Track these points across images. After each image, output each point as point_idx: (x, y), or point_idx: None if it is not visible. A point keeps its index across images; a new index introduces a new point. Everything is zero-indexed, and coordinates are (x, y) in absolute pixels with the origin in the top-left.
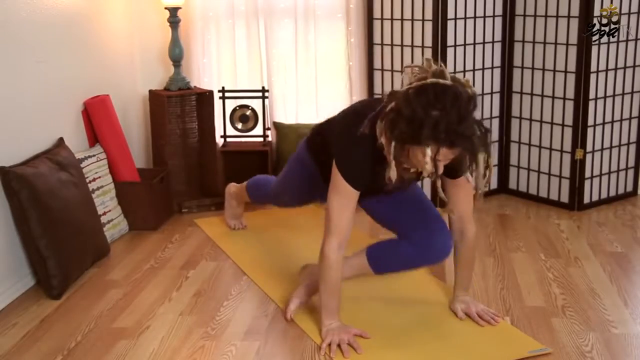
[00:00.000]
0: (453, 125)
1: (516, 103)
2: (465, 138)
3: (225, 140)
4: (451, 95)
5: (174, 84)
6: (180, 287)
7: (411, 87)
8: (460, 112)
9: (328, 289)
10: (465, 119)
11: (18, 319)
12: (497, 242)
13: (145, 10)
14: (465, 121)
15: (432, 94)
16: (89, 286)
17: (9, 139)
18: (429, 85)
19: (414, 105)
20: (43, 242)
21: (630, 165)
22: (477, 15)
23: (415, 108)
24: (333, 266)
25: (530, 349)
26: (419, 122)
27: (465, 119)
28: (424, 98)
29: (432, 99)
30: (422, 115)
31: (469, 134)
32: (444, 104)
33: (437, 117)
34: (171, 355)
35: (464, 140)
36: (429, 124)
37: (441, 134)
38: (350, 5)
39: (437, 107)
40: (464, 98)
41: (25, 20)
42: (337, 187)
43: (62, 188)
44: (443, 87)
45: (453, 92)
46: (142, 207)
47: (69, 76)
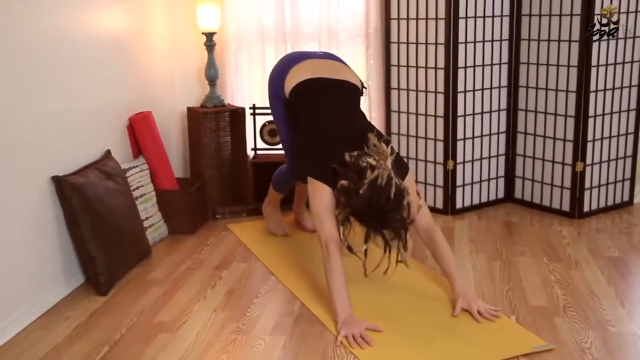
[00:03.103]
0: (378, 219)
1: (521, 119)
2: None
3: (256, 153)
4: (384, 198)
5: (209, 101)
6: (214, 286)
7: (363, 186)
8: (385, 210)
9: (337, 287)
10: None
11: (69, 313)
12: (503, 247)
13: (184, 35)
14: (387, 216)
15: (374, 195)
16: (133, 284)
17: (62, 150)
18: (373, 190)
19: (359, 202)
20: (92, 244)
21: (627, 177)
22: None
23: (359, 204)
24: (336, 266)
25: (534, 345)
26: (362, 213)
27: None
28: (367, 199)
29: (372, 201)
30: (365, 210)
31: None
32: (379, 205)
33: (370, 213)
34: (206, 347)
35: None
36: (366, 216)
37: (370, 222)
38: (369, 30)
39: (372, 207)
40: (391, 200)
41: (78, 44)
42: (314, 190)
43: (109, 195)
44: (379, 189)
45: (386, 196)
46: (180, 213)
47: (115, 94)
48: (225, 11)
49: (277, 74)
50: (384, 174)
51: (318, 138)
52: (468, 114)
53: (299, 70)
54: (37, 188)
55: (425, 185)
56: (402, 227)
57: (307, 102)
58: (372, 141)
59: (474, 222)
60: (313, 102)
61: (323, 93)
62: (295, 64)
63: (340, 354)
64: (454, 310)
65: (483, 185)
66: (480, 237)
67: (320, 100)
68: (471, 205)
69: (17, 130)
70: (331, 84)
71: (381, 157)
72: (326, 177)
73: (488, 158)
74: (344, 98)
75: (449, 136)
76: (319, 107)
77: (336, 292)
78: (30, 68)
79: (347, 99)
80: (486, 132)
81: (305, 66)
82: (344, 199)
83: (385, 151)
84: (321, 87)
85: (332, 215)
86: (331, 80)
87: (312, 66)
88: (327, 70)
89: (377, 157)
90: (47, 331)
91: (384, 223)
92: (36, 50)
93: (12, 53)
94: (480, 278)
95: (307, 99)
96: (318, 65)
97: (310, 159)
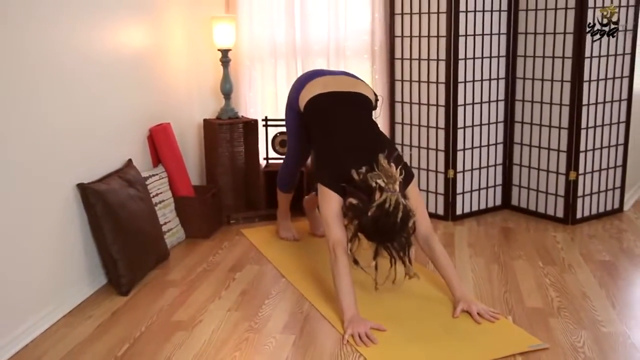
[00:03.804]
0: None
1: (518, 131)
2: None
3: (268, 162)
4: (391, 221)
5: (224, 113)
6: (228, 287)
7: (371, 209)
8: (392, 231)
9: (343, 288)
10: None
11: (93, 312)
12: (501, 252)
13: (201, 52)
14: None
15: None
16: (152, 285)
17: (87, 159)
18: (381, 213)
19: (366, 222)
20: (114, 247)
21: (617, 186)
22: (484, 56)
23: (366, 224)
24: (343, 269)
25: (530, 344)
26: (369, 232)
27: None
28: (374, 220)
29: (379, 223)
30: (372, 230)
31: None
32: (386, 227)
33: (377, 233)
34: (220, 345)
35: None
36: (373, 235)
37: (376, 239)
38: (375, 47)
39: (380, 229)
40: (397, 224)
41: (104, 60)
42: (324, 197)
43: (130, 202)
44: (386, 213)
45: (392, 220)
46: (197, 218)
47: (137, 107)
48: (240, 29)
49: (295, 89)
50: (392, 198)
51: (331, 148)
52: (468, 126)
53: (313, 85)
54: (63, 195)
55: (427, 193)
56: (407, 244)
57: (320, 115)
58: (382, 163)
59: (473, 228)
60: (326, 115)
61: (335, 105)
62: (311, 80)
63: (346, 352)
64: (455, 311)
65: (482, 193)
66: (479, 242)
67: (332, 112)
68: (470, 211)
69: (47, 140)
70: (343, 96)
71: (390, 180)
72: (336, 186)
73: (486, 167)
74: (355, 109)
75: (449, 146)
76: (332, 118)
77: (343, 293)
78: (61, 83)
79: (358, 110)
80: (485, 143)
81: (320, 82)
82: (352, 216)
83: (394, 175)
84: (333, 99)
85: (340, 220)
86: (343, 93)
87: (325, 81)
88: (340, 85)
89: (387, 180)
90: (71, 329)
91: (389, 240)
92: (68, 66)
93: (48, 69)
94: (479, 281)
95: (320, 112)
96: (331, 81)
97: (323, 167)
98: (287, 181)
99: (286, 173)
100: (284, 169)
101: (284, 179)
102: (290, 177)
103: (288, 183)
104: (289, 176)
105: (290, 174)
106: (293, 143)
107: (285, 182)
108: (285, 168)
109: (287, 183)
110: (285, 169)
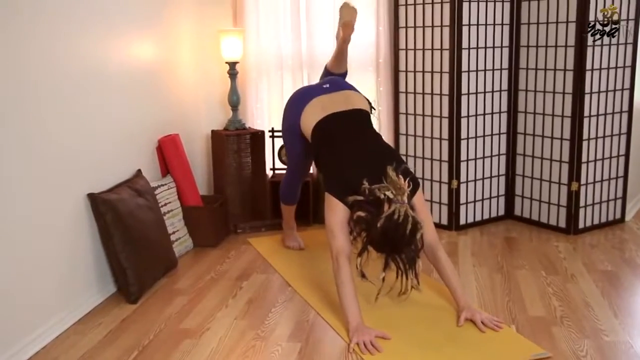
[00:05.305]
0: (395, 248)
1: (520, 142)
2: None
3: (274, 172)
4: (399, 233)
5: (232, 125)
6: (235, 296)
7: (381, 220)
8: (400, 243)
9: (347, 297)
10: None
11: (102, 320)
12: (504, 261)
13: (209, 64)
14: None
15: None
16: (160, 293)
17: (97, 169)
18: (390, 224)
19: (375, 234)
20: (124, 255)
21: (619, 196)
22: (487, 69)
23: (375, 236)
24: (346, 278)
25: (533, 352)
26: (379, 243)
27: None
28: (383, 232)
29: (388, 234)
30: (381, 242)
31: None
32: (395, 239)
33: (385, 244)
34: (227, 352)
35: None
36: (383, 247)
37: (385, 251)
38: (379, 60)
39: (389, 240)
40: (406, 236)
41: (114, 72)
42: (330, 206)
43: (139, 211)
44: (395, 224)
45: (401, 232)
46: (204, 227)
47: (146, 118)
48: (247, 42)
49: (292, 113)
50: (401, 210)
51: (339, 163)
52: (471, 137)
53: (312, 108)
54: (73, 204)
55: (431, 203)
56: (415, 256)
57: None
58: (391, 175)
59: (476, 238)
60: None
61: (339, 127)
62: (306, 103)
63: None
64: (459, 320)
65: (485, 203)
66: (483, 252)
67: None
68: (474, 221)
69: (58, 151)
70: (343, 116)
71: (399, 192)
72: (344, 197)
73: (490, 178)
74: (358, 126)
75: (453, 157)
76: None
77: (347, 302)
78: (74, 95)
79: (362, 127)
80: (488, 154)
81: (317, 105)
82: (360, 229)
83: (403, 187)
84: (336, 122)
85: (344, 230)
86: (342, 113)
87: (322, 103)
88: (336, 104)
89: (395, 192)
90: (82, 336)
91: (398, 252)
92: (79, 79)
93: (59, 81)
94: (483, 290)
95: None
96: (327, 101)
97: (332, 177)
98: (290, 196)
99: (289, 188)
100: (286, 185)
101: (287, 194)
102: (293, 191)
103: (291, 197)
104: (292, 191)
105: (293, 189)
106: (295, 160)
107: (289, 197)
108: (287, 184)
109: (290, 197)
110: (288, 184)
